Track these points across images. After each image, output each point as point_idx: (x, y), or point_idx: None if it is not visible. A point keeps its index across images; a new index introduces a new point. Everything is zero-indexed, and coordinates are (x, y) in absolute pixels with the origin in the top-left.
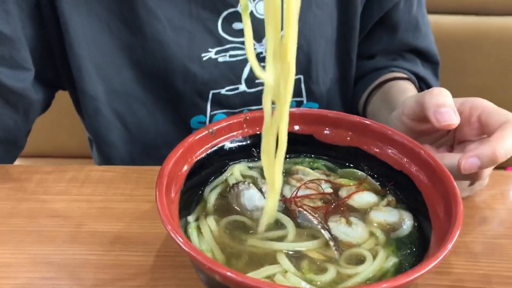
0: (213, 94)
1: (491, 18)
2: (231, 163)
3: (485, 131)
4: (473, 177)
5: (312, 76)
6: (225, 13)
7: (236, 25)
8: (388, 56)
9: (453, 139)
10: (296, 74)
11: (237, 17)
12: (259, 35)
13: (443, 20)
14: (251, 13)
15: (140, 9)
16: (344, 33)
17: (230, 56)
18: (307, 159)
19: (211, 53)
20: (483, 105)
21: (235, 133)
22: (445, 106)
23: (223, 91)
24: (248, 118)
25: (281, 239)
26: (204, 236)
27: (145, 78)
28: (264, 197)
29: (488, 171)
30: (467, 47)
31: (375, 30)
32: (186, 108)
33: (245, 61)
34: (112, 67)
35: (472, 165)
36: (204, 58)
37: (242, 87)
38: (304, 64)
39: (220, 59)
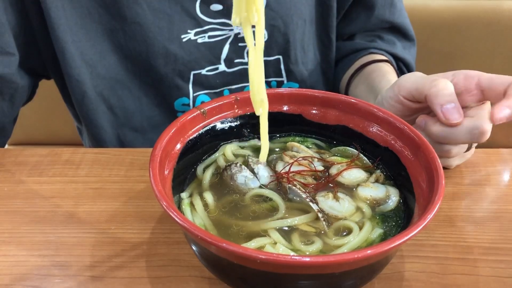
0: (194, 74)
1: (479, 1)
2: (223, 143)
3: (487, 95)
4: (476, 139)
5: (291, 57)
6: None
7: (214, 7)
8: (367, 36)
9: None
10: (275, 55)
11: None
12: None
13: (432, 4)
14: None
15: None
16: (322, 13)
17: (209, 37)
18: (297, 138)
19: (190, 35)
20: (478, 74)
21: (226, 113)
22: (452, 101)
23: (203, 71)
24: (238, 99)
25: (272, 214)
26: (197, 212)
27: (128, 62)
28: (257, 178)
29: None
30: (455, 31)
31: (353, 9)
32: (169, 90)
33: (223, 42)
34: (96, 52)
35: (507, 116)
36: (184, 40)
37: (222, 67)
38: (282, 45)
39: (200, 40)
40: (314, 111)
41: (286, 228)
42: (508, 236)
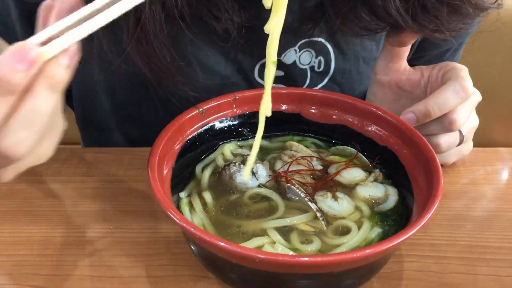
0: None
1: None
2: (221, 142)
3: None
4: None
5: None
6: (264, 60)
7: (275, 72)
8: None
9: None
10: None
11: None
12: None
13: None
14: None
15: None
16: None
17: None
18: (295, 137)
19: None
20: (446, 65)
21: (224, 112)
22: None
23: None
24: (237, 97)
25: (271, 214)
26: (196, 211)
27: (159, 106)
28: (256, 178)
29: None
30: None
31: None
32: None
33: None
34: (128, 98)
35: (409, 120)
36: None
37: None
38: None
39: None
40: (313, 110)
41: (285, 228)
42: (506, 235)
